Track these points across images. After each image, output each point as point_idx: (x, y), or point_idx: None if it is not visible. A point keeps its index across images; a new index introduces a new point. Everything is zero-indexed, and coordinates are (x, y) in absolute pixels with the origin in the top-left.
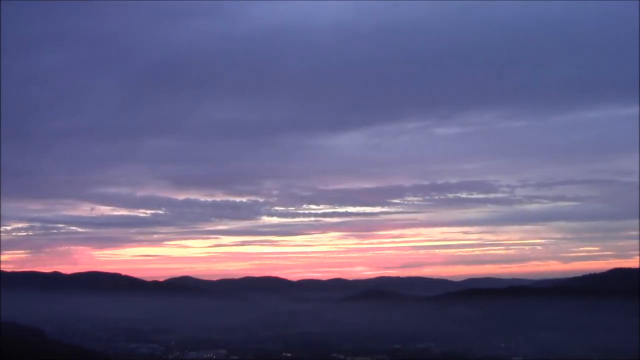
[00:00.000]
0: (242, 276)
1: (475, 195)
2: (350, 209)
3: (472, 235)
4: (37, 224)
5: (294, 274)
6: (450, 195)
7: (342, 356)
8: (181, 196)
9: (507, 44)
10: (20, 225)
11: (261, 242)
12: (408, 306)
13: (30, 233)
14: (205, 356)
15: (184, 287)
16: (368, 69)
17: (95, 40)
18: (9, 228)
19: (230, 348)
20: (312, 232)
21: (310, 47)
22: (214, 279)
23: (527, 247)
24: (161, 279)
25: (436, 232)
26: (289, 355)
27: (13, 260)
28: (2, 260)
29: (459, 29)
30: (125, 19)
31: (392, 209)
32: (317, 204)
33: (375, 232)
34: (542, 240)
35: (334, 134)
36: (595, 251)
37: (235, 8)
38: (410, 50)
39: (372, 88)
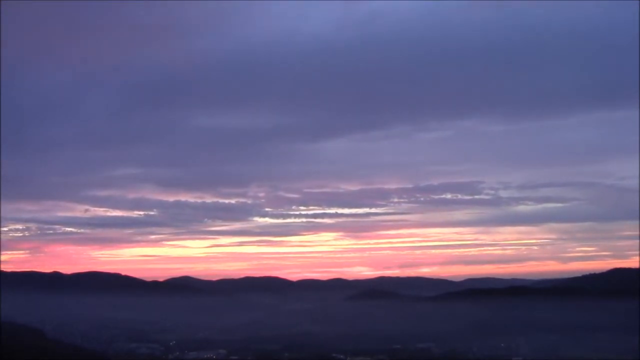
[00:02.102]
0: (242, 276)
1: (463, 197)
2: (343, 211)
3: (467, 235)
4: (35, 225)
5: (294, 274)
6: (437, 197)
7: (342, 356)
8: (171, 198)
9: (487, 52)
10: (18, 226)
11: (259, 243)
12: (408, 306)
13: (27, 234)
14: (205, 356)
15: (183, 287)
16: (353, 79)
17: (92, 55)
18: (5, 229)
19: (230, 348)
20: (309, 232)
21: (297, 58)
22: (214, 279)
23: (523, 248)
24: (161, 279)
25: (430, 232)
26: (289, 355)
27: (13, 260)
28: (2, 260)
29: (441, 37)
30: (122, 35)
31: (385, 210)
32: (312, 205)
33: (371, 233)
34: (538, 241)
35: (324, 139)
36: (592, 251)
37: (223, 25)
38: (393, 60)
39: (359, 97)
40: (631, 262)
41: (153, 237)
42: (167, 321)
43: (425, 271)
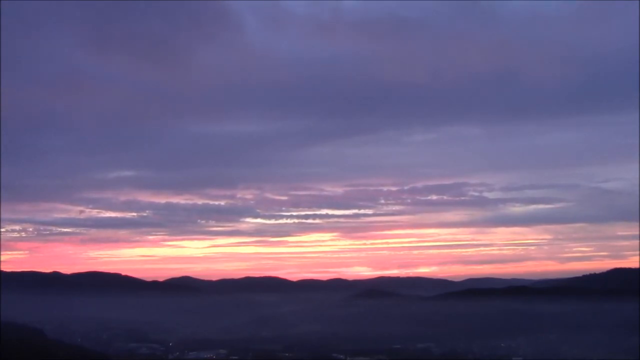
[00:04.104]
0: (242, 276)
1: (454, 198)
2: (337, 212)
3: (463, 236)
4: (34, 226)
5: (294, 274)
6: (430, 198)
7: (342, 356)
8: (162, 200)
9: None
10: (17, 227)
11: (257, 243)
12: (408, 306)
13: (25, 235)
14: (205, 356)
15: (183, 287)
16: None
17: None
18: (4, 230)
19: (230, 348)
20: (306, 233)
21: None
22: (214, 279)
23: (520, 248)
24: (161, 279)
25: (426, 233)
26: (289, 355)
27: (13, 261)
28: (2, 260)
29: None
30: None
31: (380, 212)
32: (306, 207)
33: (367, 233)
34: (534, 241)
35: (314, 144)
36: (588, 252)
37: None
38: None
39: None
40: (631, 262)
41: (151, 237)
42: (167, 321)
43: (425, 271)
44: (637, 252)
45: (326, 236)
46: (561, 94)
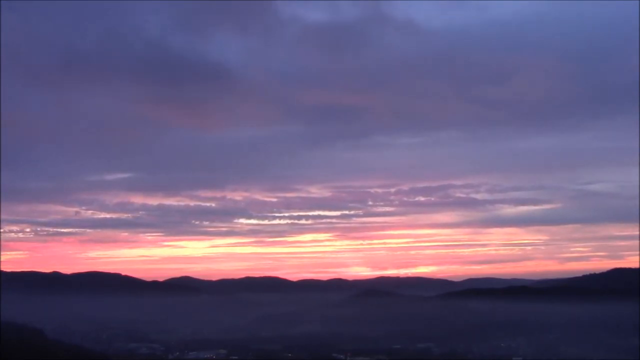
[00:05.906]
0: (242, 276)
1: (446, 200)
2: (330, 213)
3: (461, 236)
4: (34, 227)
5: (294, 274)
6: (417, 199)
7: (342, 356)
8: (155, 202)
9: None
10: (16, 227)
11: (257, 243)
12: (408, 306)
13: (24, 235)
14: (205, 356)
15: (183, 287)
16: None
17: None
18: (4, 230)
19: (230, 348)
20: (304, 233)
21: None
22: (214, 279)
23: (517, 249)
24: (161, 279)
25: (422, 233)
26: (289, 355)
27: (13, 261)
28: (2, 260)
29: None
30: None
31: (377, 212)
32: (302, 208)
33: (364, 234)
34: (530, 241)
35: (306, 148)
36: (586, 252)
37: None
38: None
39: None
40: (630, 262)
41: (149, 237)
42: (167, 321)
43: (424, 271)
44: (635, 252)
45: (321, 236)
46: (544, 99)
